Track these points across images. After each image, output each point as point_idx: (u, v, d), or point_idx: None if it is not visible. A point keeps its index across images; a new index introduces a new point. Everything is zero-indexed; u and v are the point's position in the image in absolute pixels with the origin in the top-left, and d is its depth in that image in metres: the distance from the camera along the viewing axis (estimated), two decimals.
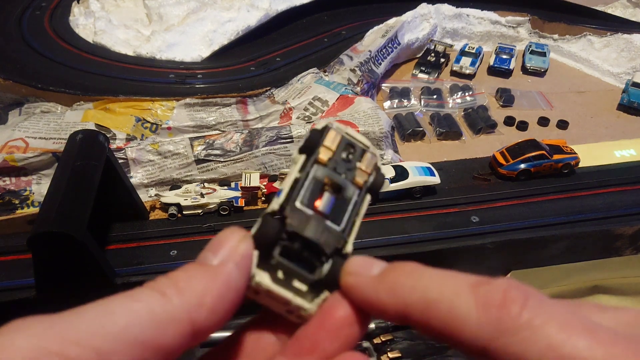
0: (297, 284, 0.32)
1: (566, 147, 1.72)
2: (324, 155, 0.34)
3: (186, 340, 0.27)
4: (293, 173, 0.34)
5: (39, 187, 1.52)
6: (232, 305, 0.30)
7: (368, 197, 0.35)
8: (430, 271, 0.29)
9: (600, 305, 0.27)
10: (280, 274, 0.32)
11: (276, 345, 0.33)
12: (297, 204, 0.33)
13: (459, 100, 2.14)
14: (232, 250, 0.31)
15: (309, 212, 0.33)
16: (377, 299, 0.29)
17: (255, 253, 0.32)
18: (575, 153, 1.69)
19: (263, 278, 0.32)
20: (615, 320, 0.26)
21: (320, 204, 0.33)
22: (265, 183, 1.53)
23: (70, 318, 0.25)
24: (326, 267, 0.32)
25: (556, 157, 1.66)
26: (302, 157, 0.34)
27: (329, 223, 0.33)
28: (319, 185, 0.33)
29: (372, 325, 1.40)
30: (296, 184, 0.33)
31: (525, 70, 2.39)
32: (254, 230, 0.32)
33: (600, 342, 0.24)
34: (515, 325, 0.25)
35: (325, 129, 0.34)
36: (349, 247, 0.33)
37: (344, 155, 0.34)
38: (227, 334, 0.34)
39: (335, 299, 0.32)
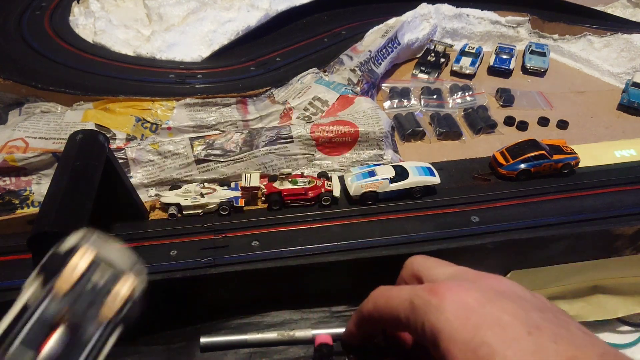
0: None
1: (566, 147, 1.72)
2: (62, 284, 0.28)
3: None
4: (22, 300, 0.27)
5: (39, 187, 1.52)
6: None
7: (118, 331, 0.29)
8: None
9: None
10: None
11: None
12: (16, 344, 0.26)
13: (459, 100, 2.14)
14: None
15: (30, 355, 0.26)
16: None
17: None
18: (575, 153, 1.68)
19: None
20: None
21: (46, 347, 0.27)
22: (265, 183, 1.53)
23: None
24: None
25: (556, 157, 1.65)
26: (39, 280, 0.28)
27: None
28: (49, 322, 0.27)
29: None
30: (23, 315, 0.27)
31: (525, 70, 2.38)
32: None
33: None
34: None
35: (74, 248, 0.28)
36: None
37: (94, 278, 0.28)
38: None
39: None
